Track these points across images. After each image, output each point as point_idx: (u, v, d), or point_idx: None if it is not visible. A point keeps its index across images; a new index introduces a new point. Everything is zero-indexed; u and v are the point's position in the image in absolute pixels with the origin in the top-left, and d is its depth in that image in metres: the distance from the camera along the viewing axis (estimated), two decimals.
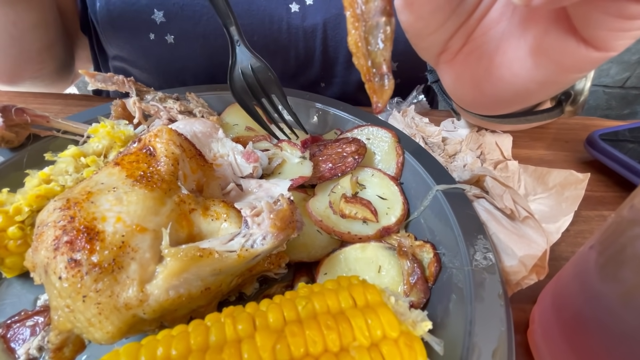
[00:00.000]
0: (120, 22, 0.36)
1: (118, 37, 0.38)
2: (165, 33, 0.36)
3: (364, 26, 0.10)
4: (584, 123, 0.43)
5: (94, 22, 0.38)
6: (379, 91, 0.11)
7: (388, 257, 0.23)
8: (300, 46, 0.37)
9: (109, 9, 0.35)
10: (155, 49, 0.37)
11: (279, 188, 0.25)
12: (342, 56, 0.37)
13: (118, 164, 0.21)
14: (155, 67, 0.38)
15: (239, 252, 0.19)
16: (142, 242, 0.18)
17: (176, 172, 0.22)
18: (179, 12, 0.34)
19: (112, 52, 0.40)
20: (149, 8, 0.34)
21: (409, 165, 0.28)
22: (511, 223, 0.24)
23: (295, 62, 0.38)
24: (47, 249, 0.17)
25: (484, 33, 0.16)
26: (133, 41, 0.37)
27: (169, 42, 0.36)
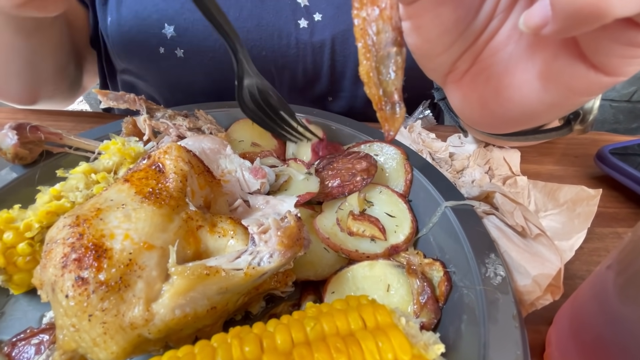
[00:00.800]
0: (130, 36, 0.37)
1: (128, 51, 0.39)
2: (175, 47, 0.37)
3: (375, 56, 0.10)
4: (593, 138, 0.43)
5: (104, 36, 0.39)
6: (391, 119, 0.12)
7: (397, 275, 0.22)
8: (309, 61, 0.37)
9: (120, 24, 0.37)
10: (164, 63, 0.38)
11: (286, 205, 0.25)
12: (349, 71, 0.38)
13: (127, 181, 0.22)
14: (164, 80, 0.39)
15: (246, 270, 0.19)
16: (149, 259, 0.17)
17: (184, 188, 0.22)
18: (189, 26, 0.36)
19: (121, 65, 0.41)
20: (160, 23, 0.36)
21: (417, 181, 0.28)
22: (523, 241, 0.23)
23: (304, 77, 0.39)
24: (55, 267, 0.17)
25: (491, 55, 0.16)
26: (143, 55, 0.38)
27: (178, 55, 0.37)
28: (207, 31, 0.36)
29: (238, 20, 0.35)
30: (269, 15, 0.35)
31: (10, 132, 0.26)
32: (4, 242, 0.20)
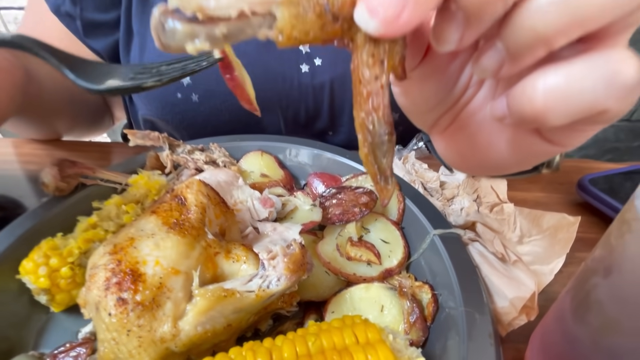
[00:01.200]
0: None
1: (148, 96, 0.43)
2: (191, 93, 0.41)
3: (371, 144, 0.13)
4: (578, 166, 0.46)
5: None
6: (385, 191, 0.15)
7: (390, 297, 0.25)
8: (310, 101, 0.41)
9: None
10: (181, 106, 0.42)
11: (292, 232, 0.28)
12: (347, 108, 0.42)
13: (155, 213, 0.25)
14: (181, 120, 0.44)
15: (257, 292, 0.22)
16: (175, 283, 0.21)
17: (204, 219, 0.25)
18: (203, 75, 0.40)
19: (142, 106, 0.46)
20: None
21: (409, 210, 0.31)
22: (503, 266, 0.26)
23: (305, 115, 0.43)
24: (99, 289, 0.20)
25: (468, 117, 0.20)
26: (162, 99, 0.42)
27: (193, 100, 0.41)
28: (219, 78, 0.40)
29: (246, 67, 0.40)
30: (274, 61, 0.40)
31: (52, 168, 0.29)
32: (50, 266, 0.24)
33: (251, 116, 0.39)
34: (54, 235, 0.26)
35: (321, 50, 0.40)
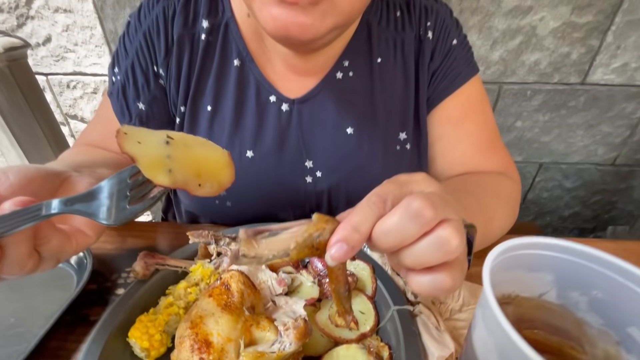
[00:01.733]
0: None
1: (191, 199, 0.58)
2: (226, 201, 0.55)
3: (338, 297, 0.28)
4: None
5: None
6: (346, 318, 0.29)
7: (362, 354, 0.38)
8: (313, 203, 0.56)
9: None
10: (217, 209, 0.55)
11: (298, 306, 0.42)
12: (340, 209, 0.56)
13: (211, 296, 0.39)
14: (216, 217, 0.58)
15: (277, 353, 0.35)
16: (230, 347, 0.34)
17: (243, 301, 0.40)
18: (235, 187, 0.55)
19: (186, 202, 0.60)
20: None
21: (379, 288, 0.45)
22: (437, 332, 0.39)
23: (310, 213, 0.58)
24: (187, 351, 0.34)
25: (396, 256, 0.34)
26: (201, 202, 0.56)
27: (227, 205, 0.55)
28: (248, 189, 0.55)
29: (266, 182, 0.54)
30: (286, 175, 0.53)
31: (140, 261, 0.45)
32: (149, 333, 0.38)
33: (270, 214, 0.54)
34: (143, 308, 0.41)
35: (321, 165, 0.53)
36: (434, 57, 0.52)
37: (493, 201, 0.50)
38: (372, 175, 0.53)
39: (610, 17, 1.35)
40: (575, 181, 1.81)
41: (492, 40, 1.41)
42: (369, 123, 0.51)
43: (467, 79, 0.53)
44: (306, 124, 0.51)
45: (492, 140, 0.56)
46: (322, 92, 0.50)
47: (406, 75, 0.52)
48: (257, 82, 0.51)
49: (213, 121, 0.52)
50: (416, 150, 0.55)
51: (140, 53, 0.50)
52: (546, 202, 1.90)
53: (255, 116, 0.51)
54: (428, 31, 0.51)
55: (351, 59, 0.51)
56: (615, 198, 1.87)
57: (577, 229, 2.01)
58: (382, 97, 0.51)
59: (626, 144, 1.67)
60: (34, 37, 1.48)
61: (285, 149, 0.52)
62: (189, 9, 0.49)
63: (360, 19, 0.50)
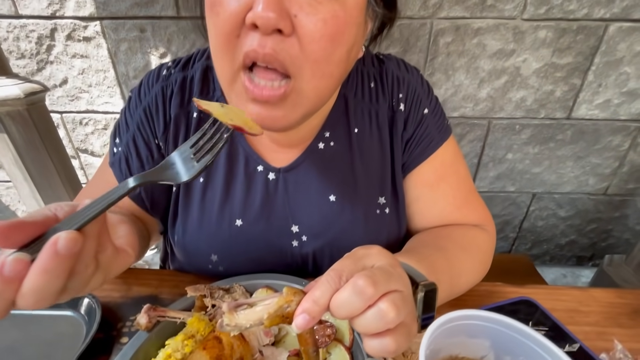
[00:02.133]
0: (188, 253, 0.57)
1: (185, 259, 0.59)
2: (218, 266, 0.57)
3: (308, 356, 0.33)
4: (489, 290, 0.63)
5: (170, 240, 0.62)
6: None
7: None
8: (300, 264, 0.58)
9: (182, 245, 0.57)
10: (210, 271, 0.58)
11: (282, 356, 0.47)
12: (325, 267, 0.60)
13: (205, 348, 0.45)
14: (206, 278, 0.62)
15: None
16: None
17: (233, 353, 0.44)
18: (227, 256, 0.56)
19: (184, 264, 0.63)
20: (208, 253, 0.56)
21: (356, 339, 0.49)
22: None
23: (297, 272, 0.62)
24: None
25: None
26: (195, 264, 0.59)
27: (220, 269, 0.58)
28: (238, 255, 0.56)
29: (255, 247, 0.57)
30: (274, 239, 0.56)
31: (144, 314, 0.50)
32: None
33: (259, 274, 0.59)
34: (145, 359, 0.46)
35: (305, 230, 0.57)
36: (407, 126, 0.56)
37: (462, 255, 0.55)
38: (354, 239, 0.56)
39: (589, 59, 1.43)
40: (569, 210, 1.84)
41: (479, 80, 1.50)
42: (350, 190, 0.56)
43: (439, 144, 0.57)
44: (292, 191, 0.56)
45: (467, 197, 0.61)
46: (305, 161, 0.56)
47: (382, 144, 0.56)
48: (246, 153, 0.56)
49: (205, 192, 0.57)
50: (395, 213, 0.59)
51: (142, 126, 0.54)
52: (542, 230, 1.93)
53: (244, 185, 0.56)
54: (400, 103, 0.56)
55: (331, 130, 0.55)
56: (611, 226, 1.90)
57: (575, 257, 2.03)
58: (362, 165, 0.56)
59: (616, 175, 1.71)
60: (51, 79, 1.60)
61: (272, 215, 0.57)
62: (184, 90, 0.54)
63: (338, 92, 0.54)
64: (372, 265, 0.34)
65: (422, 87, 0.58)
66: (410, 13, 1.37)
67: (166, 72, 0.55)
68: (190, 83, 0.54)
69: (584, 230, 1.91)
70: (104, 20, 1.44)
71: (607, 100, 1.52)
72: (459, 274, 0.52)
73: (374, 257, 0.34)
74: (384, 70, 0.56)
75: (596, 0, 1.31)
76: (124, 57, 1.52)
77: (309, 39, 0.35)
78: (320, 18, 0.34)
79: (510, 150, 1.67)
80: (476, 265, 0.56)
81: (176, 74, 0.54)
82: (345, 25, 0.36)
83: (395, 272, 0.33)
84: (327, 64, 0.38)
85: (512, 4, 1.34)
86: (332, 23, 0.35)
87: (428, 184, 0.59)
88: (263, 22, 0.33)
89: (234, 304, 0.33)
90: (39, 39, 1.49)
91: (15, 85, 1.29)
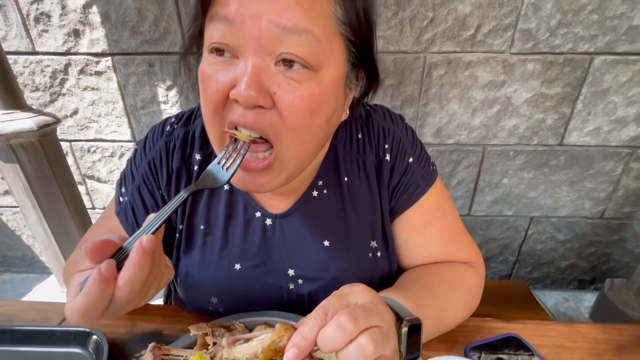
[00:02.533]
0: (191, 291, 0.59)
1: (187, 298, 0.62)
2: (218, 308, 0.58)
3: None
4: (478, 325, 0.65)
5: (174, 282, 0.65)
6: None
7: None
8: (296, 304, 0.61)
9: (184, 285, 0.60)
10: (211, 312, 0.61)
11: None
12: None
13: None
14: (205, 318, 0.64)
15: None
16: None
17: None
18: (227, 298, 0.58)
19: (185, 303, 0.66)
20: (209, 295, 0.58)
21: None
22: None
23: (292, 311, 0.64)
24: None
25: None
26: (196, 304, 0.61)
27: (220, 311, 0.60)
28: (237, 298, 0.59)
29: (253, 290, 0.59)
30: (271, 283, 0.59)
31: (150, 353, 0.53)
32: None
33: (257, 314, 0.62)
34: None
35: (300, 274, 0.59)
36: (393, 175, 0.59)
37: (450, 292, 0.57)
38: (348, 282, 0.59)
39: (577, 89, 1.49)
40: (567, 234, 1.86)
41: (472, 109, 1.56)
42: (343, 235, 0.59)
43: (425, 191, 0.58)
44: (288, 236, 0.59)
45: (455, 239, 0.63)
46: (300, 208, 0.59)
47: (371, 191, 0.60)
48: (245, 201, 0.57)
49: (206, 238, 0.58)
50: (386, 255, 0.62)
51: (146, 178, 0.57)
52: (541, 254, 1.94)
53: (243, 231, 0.59)
54: (386, 153, 0.57)
55: (323, 179, 0.57)
56: (610, 250, 1.91)
57: (576, 280, 2.02)
58: (353, 211, 0.59)
59: (612, 199, 1.74)
60: (63, 110, 1.67)
61: (269, 259, 0.59)
62: (186, 145, 0.57)
63: (329, 145, 0.58)
64: (355, 302, 0.37)
65: (407, 137, 0.61)
66: (405, 48, 1.44)
67: (169, 128, 0.59)
68: (192, 138, 0.58)
69: (584, 253, 1.92)
70: (115, 56, 1.53)
71: (597, 128, 1.57)
72: (446, 310, 0.55)
73: (357, 294, 0.38)
74: (370, 122, 0.60)
75: (580, 36, 1.39)
76: (132, 89, 1.60)
77: (288, 112, 0.38)
78: (298, 95, 0.38)
79: (505, 176, 1.71)
80: (464, 302, 0.58)
81: (178, 130, 0.59)
82: (321, 100, 0.40)
83: (376, 309, 0.37)
84: (307, 133, 0.41)
85: (501, 39, 1.41)
86: (309, 99, 0.38)
87: (415, 228, 0.61)
88: (244, 100, 0.37)
89: (232, 339, 0.37)
90: (53, 73, 1.58)
91: (29, 119, 1.36)
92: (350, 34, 0.40)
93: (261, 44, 0.36)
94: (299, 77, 0.38)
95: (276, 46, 0.36)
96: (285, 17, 0.35)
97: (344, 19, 0.39)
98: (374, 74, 0.50)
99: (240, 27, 0.36)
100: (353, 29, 0.40)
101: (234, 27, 0.36)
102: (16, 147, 1.38)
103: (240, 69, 0.37)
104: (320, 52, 0.37)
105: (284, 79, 0.37)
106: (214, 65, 0.39)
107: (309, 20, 0.36)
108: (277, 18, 0.35)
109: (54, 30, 1.49)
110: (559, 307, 1.93)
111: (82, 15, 1.45)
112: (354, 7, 0.39)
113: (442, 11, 1.37)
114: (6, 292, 2.00)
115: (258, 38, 0.36)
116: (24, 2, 1.44)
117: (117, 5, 1.42)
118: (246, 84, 0.36)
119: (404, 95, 1.54)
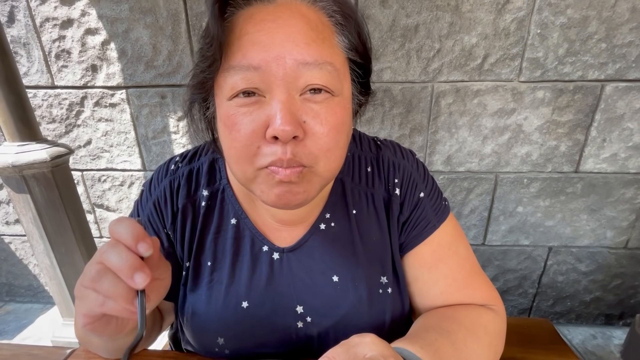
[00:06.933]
0: (196, 333, 0.56)
1: (193, 339, 0.58)
2: (224, 349, 0.57)
3: None
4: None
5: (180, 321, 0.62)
6: None
7: None
8: (305, 343, 0.57)
9: (189, 326, 0.57)
10: (217, 354, 0.57)
11: None
12: (327, 349, 0.58)
13: None
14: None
15: None
16: None
17: None
18: (233, 339, 0.55)
19: (193, 346, 0.61)
20: (215, 335, 0.55)
21: None
22: None
23: (302, 350, 0.61)
24: None
25: None
26: (201, 350, 0.58)
27: (226, 352, 0.57)
28: (244, 338, 0.55)
29: (261, 329, 0.55)
30: (278, 323, 0.56)
31: None
32: None
33: (265, 354, 0.58)
34: None
35: (310, 312, 0.56)
36: (403, 210, 0.56)
37: (469, 339, 0.52)
38: (359, 320, 0.55)
39: (589, 116, 1.47)
40: (590, 265, 1.76)
41: (483, 137, 1.54)
42: (352, 270, 0.56)
43: (436, 227, 0.56)
44: (296, 270, 0.56)
45: (469, 278, 0.59)
46: (308, 241, 0.57)
47: (380, 225, 0.57)
48: (251, 235, 0.56)
49: (213, 275, 0.56)
50: (397, 292, 0.58)
51: (152, 218, 0.56)
52: (563, 286, 1.84)
53: (250, 266, 0.56)
54: (396, 188, 0.56)
55: (331, 212, 0.56)
56: (638, 282, 1.79)
57: (603, 315, 1.89)
58: (362, 245, 0.57)
59: (635, 227, 1.66)
60: (77, 141, 1.71)
61: (277, 296, 0.56)
62: (191, 181, 0.57)
63: (335, 178, 0.57)
64: (364, 354, 0.35)
65: (417, 172, 0.59)
66: (412, 78, 1.46)
67: (174, 167, 0.58)
68: (197, 174, 0.58)
69: (609, 286, 1.80)
70: (129, 89, 1.58)
71: (614, 154, 1.53)
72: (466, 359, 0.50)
73: (367, 345, 0.36)
74: (380, 156, 0.59)
75: (589, 64, 1.38)
76: (144, 120, 1.63)
77: (319, 136, 0.41)
78: (324, 119, 0.41)
79: (520, 204, 1.66)
80: (486, 350, 0.53)
81: (183, 168, 0.59)
82: (343, 118, 0.43)
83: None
84: (337, 150, 0.44)
85: (508, 68, 1.42)
86: (334, 120, 0.42)
87: (426, 265, 0.58)
88: (283, 135, 0.39)
89: None
90: (70, 106, 1.63)
91: (42, 150, 1.38)
92: (357, 57, 0.45)
93: (287, 80, 0.39)
94: (323, 101, 0.41)
95: (300, 80, 0.40)
96: (307, 54, 0.39)
97: (349, 45, 0.43)
98: (368, 88, 0.52)
99: (266, 70, 0.39)
100: (359, 52, 0.45)
101: (259, 72, 0.39)
102: (29, 177, 1.40)
103: (272, 108, 0.39)
104: (338, 78, 0.42)
105: (310, 107, 0.41)
106: (241, 109, 0.41)
107: (327, 53, 0.40)
108: (300, 56, 0.39)
109: (73, 65, 1.55)
110: (587, 345, 1.79)
111: (100, 51, 1.52)
112: (353, 32, 0.44)
113: (449, 42, 1.39)
114: (9, 323, 1.96)
115: (284, 76, 0.39)
116: (46, 40, 1.52)
117: (133, 41, 1.49)
118: (282, 119, 0.38)
119: (412, 123, 1.53)
